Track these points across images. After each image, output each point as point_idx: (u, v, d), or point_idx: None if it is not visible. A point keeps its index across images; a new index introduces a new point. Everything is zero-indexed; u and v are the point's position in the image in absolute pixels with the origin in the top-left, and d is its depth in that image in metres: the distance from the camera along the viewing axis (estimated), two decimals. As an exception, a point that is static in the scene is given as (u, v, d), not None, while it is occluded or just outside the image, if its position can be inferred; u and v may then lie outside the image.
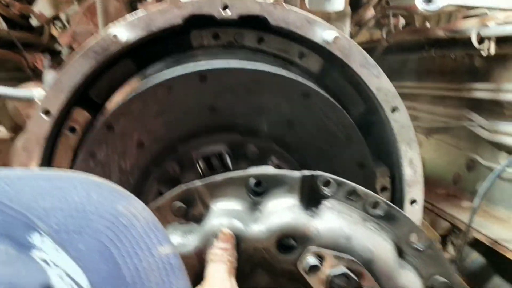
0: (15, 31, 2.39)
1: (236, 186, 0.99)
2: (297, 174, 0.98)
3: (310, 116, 1.16)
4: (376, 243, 0.93)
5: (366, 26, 2.63)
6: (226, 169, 1.14)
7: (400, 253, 0.96)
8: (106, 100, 1.25)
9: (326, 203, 0.97)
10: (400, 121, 1.21)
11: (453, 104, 2.09)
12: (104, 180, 0.63)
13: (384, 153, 1.31)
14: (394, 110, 1.20)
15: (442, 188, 2.15)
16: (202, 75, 1.11)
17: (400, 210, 0.97)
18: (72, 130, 1.21)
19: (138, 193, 1.15)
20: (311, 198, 0.97)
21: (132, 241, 0.57)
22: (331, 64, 1.25)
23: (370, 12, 2.61)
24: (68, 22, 1.98)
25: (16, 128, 2.29)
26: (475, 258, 1.84)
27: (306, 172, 0.98)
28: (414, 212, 1.24)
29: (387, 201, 0.95)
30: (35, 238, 0.52)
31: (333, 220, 0.95)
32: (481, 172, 1.91)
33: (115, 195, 0.61)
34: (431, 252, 0.95)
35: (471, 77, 1.94)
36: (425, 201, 1.30)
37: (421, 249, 0.95)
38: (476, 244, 1.81)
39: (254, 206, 0.98)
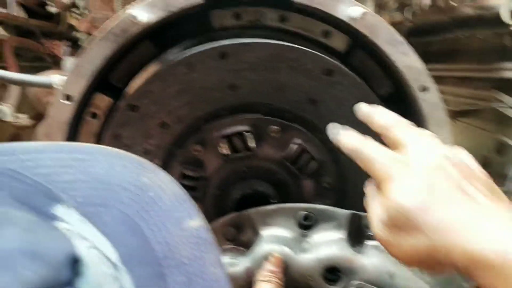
0: (33, 20, 2.40)
1: (286, 216, 1.07)
2: (346, 212, 1.04)
3: (333, 94, 1.14)
4: (417, 285, 0.97)
5: (388, 9, 2.57)
6: (248, 149, 1.16)
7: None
8: (127, 85, 1.24)
9: (370, 242, 1.02)
10: (430, 100, 1.17)
11: (481, 85, 2.02)
12: (127, 153, 0.60)
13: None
14: (423, 89, 1.15)
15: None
16: (222, 52, 1.11)
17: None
18: (94, 115, 1.20)
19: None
20: (357, 236, 1.04)
21: (160, 214, 0.54)
22: (357, 43, 1.20)
23: (392, -6, 2.55)
24: (85, 8, 1.97)
25: (38, 116, 2.31)
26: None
27: (355, 212, 1.03)
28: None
29: None
30: (59, 210, 0.50)
31: (378, 257, 1.00)
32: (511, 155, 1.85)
33: (140, 167, 0.59)
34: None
35: (500, 56, 1.88)
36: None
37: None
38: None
39: (302, 237, 1.06)
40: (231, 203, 1.21)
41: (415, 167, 0.72)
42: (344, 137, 0.84)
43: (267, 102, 1.17)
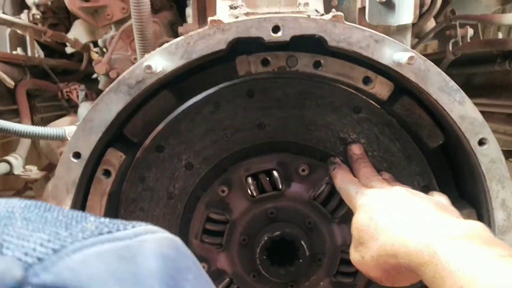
0: (51, 59, 2.35)
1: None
2: None
3: (363, 133, 1.10)
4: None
5: (425, 39, 2.44)
6: (276, 188, 1.12)
7: None
8: (143, 139, 1.14)
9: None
10: (489, 155, 1.02)
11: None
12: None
13: (469, 192, 1.12)
14: (481, 142, 1.01)
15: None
16: (249, 89, 1.10)
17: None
18: (106, 173, 1.09)
19: (187, 220, 1.15)
20: None
21: None
22: (403, 89, 1.07)
23: (430, 24, 2.42)
24: (105, 48, 1.90)
25: (50, 167, 2.22)
26: None
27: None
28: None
29: None
30: None
31: None
32: None
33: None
34: None
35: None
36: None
37: None
38: None
39: None
40: (258, 249, 1.12)
41: (373, 196, 0.95)
42: (334, 174, 1.07)
43: (294, 140, 1.14)
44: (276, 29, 0.96)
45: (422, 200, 0.92)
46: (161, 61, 0.97)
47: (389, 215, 0.88)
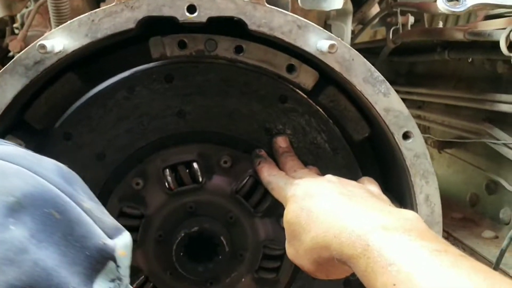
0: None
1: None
2: None
3: (289, 123, 1.06)
4: None
5: (370, 24, 2.42)
6: (195, 181, 1.07)
7: None
8: (49, 126, 1.06)
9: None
10: (414, 149, 0.99)
11: (471, 115, 1.87)
12: None
13: (394, 187, 1.10)
14: (406, 136, 0.99)
15: (457, 210, 1.94)
16: (167, 74, 1.03)
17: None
18: (5, 162, 1.00)
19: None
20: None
21: None
22: (329, 79, 1.03)
23: (374, 9, 2.40)
24: (22, 25, 1.75)
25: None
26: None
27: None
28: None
29: None
30: None
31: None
32: (504, 197, 1.69)
33: None
34: None
35: (493, 86, 1.73)
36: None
37: None
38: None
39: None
40: (174, 246, 1.07)
41: (303, 186, 0.91)
42: (260, 169, 1.04)
43: (216, 131, 1.08)
44: (191, 8, 0.90)
45: (354, 189, 0.89)
46: (61, 40, 0.89)
47: (320, 205, 0.84)
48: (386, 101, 0.97)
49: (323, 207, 0.83)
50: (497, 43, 1.43)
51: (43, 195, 0.53)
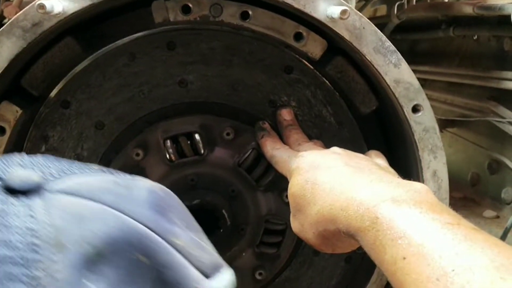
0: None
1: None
2: None
3: (294, 95, 1.05)
4: None
5: (372, 1, 2.39)
6: (197, 153, 1.05)
7: None
8: (46, 92, 1.03)
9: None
10: (423, 123, 0.98)
11: (475, 93, 1.85)
12: None
13: (401, 162, 1.09)
14: (416, 109, 0.97)
15: (458, 190, 1.94)
16: (170, 41, 1.01)
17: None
18: (0, 130, 0.98)
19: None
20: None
21: None
22: (337, 49, 1.00)
23: (377, -16, 2.37)
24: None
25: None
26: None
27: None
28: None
29: None
30: None
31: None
32: (507, 176, 1.69)
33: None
34: None
35: (499, 64, 1.71)
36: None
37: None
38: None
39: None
40: None
41: (308, 158, 0.88)
42: (263, 142, 1.02)
43: (219, 101, 1.06)
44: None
45: (361, 161, 0.86)
46: (61, 1, 0.86)
47: (326, 177, 0.82)
48: (397, 72, 0.95)
49: (328, 179, 0.81)
50: (504, 19, 1.41)
51: (129, 238, 0.45)
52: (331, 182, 0.80)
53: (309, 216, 0.82)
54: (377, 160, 0.95)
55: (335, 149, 0.92)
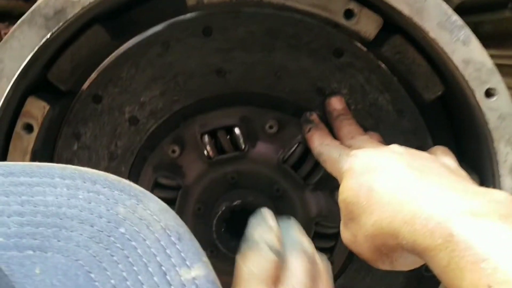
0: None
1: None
2: None
3: (345, 81, 0.96)
4: None
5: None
6: (237, 149, 0.99)
7: None
8: (76, 86, 0.98)
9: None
10: (498, 109, 0.85)
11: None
12: (103, 173, 0.49)
13: (471, 155, 0.96)
14: (489, 93, 0.84)
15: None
16: (205, 26, 0.94)
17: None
18: (28, 127, 0.93)
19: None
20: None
21: (134, 261, 0.41)
22: (394, 27, 0.89)
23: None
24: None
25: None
26: None
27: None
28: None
29: None
30: None
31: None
32: None
33: (118, 192, 0.46)
34: None
35: None
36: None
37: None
38: None
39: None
40: (215, 221, 0.99)
41: (362, 158, 0.77)
42: (310, 137, 0.92)
43: (261, 91, 0.99)
44: None
45: (426, 163, 0.75)
46: (86, -14, 0.79)
47: (385, 182, 0.71)
48: (466, 51, 0.83)
49: (388, 185, 0.70)
50: None
51: None
52: (392, 188, 0.69)
53: (364, 228, 0.71)
54: (445, 159, 0.83)
55: (394, 147, 0.80)
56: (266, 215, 0.80)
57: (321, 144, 0.89)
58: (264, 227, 0.77)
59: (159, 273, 0.42)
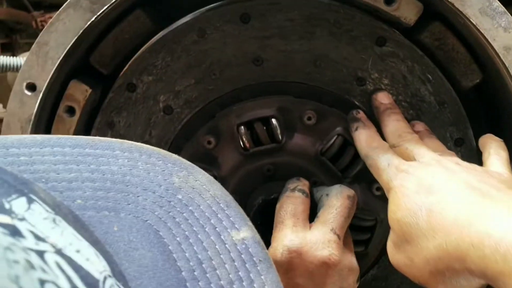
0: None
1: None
2: None
3: (387, 71, 0.95)
4: None
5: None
6: (274, 140, 0.97)
7: None
8: (116, 72, 1.00)
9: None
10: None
11: None
12: (156, 148, 0.54)
13: (508, 144, 0.95)
14: (532, 82, 0.84)
15: None
16: (243, 13, 0.93)
17: None
18: (70, 110, 0.95)
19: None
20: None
21: (193, 223, 0.47)
22: (433, 13, 0.89)
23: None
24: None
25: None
26: None
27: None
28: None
29: None
30: (16, 204, 0.38)
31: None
32: None
33: (171, 165, 0.52)
34: None
35: None
36: None
37: None
38: None
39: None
40: (251, 214, 0.99)
41: (415, 175, 0.75)
42: (357, 137, 0.91)
43: (300, 81, 0.98)
44: None
45: (483, 178, 0.72)
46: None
47: (446, 204, 0.69)
48: (507, 38, 0.83)
49: (449, 206, 0.68)
50: None
51: None
52: (454, 209, 0.67)
53: (424, 251, 0.69)
54: (498, 168, 0.79)
55: (446, 162, 0.78)
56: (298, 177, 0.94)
57: (368, 146, 0.87)
58: (296, 181, 0.94)
59: (215, 234, 0.47)
